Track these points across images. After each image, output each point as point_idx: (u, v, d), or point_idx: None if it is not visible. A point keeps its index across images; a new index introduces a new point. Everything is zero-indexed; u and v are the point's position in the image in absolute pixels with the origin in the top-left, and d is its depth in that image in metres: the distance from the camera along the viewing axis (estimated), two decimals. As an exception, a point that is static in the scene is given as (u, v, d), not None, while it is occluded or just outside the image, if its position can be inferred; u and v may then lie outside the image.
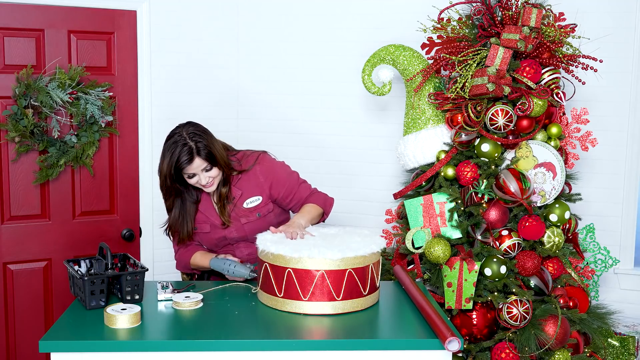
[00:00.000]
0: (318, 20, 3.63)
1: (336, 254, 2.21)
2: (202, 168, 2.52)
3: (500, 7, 2.71)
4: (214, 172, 2.55)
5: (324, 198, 2.77)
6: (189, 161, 2.48)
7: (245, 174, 2.67)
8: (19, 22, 3.12)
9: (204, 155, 2.49)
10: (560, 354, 2.68)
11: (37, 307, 3.31)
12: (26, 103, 3.08)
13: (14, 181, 3.19)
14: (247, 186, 2.67)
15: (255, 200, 2.67)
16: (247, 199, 2.67)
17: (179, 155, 2.47)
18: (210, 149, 2.51)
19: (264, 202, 2.69)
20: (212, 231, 2.68)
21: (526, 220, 2.67)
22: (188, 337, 2.03)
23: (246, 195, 2.67)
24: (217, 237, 2.69)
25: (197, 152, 2.48)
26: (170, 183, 2.55)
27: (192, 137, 2.48)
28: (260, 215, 2.68)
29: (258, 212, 2.68)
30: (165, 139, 2.55)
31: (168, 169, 2.50)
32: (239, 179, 2.67)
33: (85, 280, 2.22)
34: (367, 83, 3.05)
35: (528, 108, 2.65)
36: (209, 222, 2.68)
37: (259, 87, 3.74)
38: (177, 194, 2.63)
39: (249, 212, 2.67)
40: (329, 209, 2.78)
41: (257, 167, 2.68)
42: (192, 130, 2.51)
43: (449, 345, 1.97)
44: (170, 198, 2.64)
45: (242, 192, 2.66)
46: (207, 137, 2.53)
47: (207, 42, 3.61)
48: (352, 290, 2.24)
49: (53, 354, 1.98)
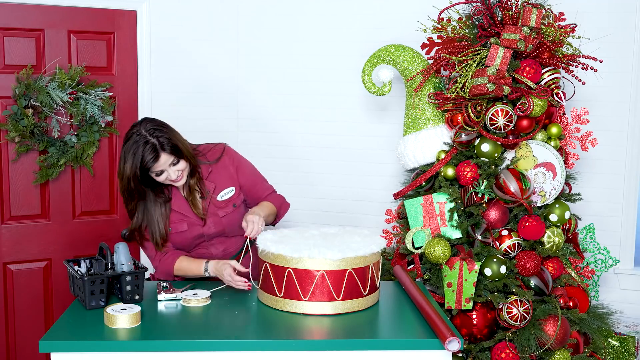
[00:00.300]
0: (318, 21, 3.63)
1: (336, 254, 2.21)
2: (170, 163, 2.42)
3: (500, 7, 2.71)
4: (181, 164, 2.45)
5: (281, 201, 2.74)
6: (154, 159, 2.37)
7: (215, 167, 2.61)
8: (19, 22, 3.12)
9: (169, 149, 2.39)
10: (560, 354, 2.68)
11: (37, 307, 3.31)
12: (26, 103, 3.08)
13: (14, 181, 3.19)
14: (219, 178, 2.61)
15: (229, 192, 2.62)
16: (221, 191, 2.61)
17: (142, 154, 2.35)
18: (173, 142, 2.40)
19: (237, 193, 2.64)
20: (190, 229, 2.58)
21: (526, 220, 2.67)
22: (188, 337, 2.03)
23: (220, 187, 2.61)
24: (194, 234, 2.59)
25: (162, 148, 2.37)
26: (134, 186, 2.43)
27: (153, 133, 2.37)
28: (236, 206, 2.64)
29: (234, 203, 2.63)
30: (123, 140, 2.44)
31: (132, 170, 2.38)
32: (209, 172, 2.60)
33: (85, 280, 2.22)
34: (367, 83, 3.04)
35: (528, 108, 2.65)
36: (185, 220, 2.57)
37: (259, 87, 3.74)
38: (141, 197, 2.50)
39: (225, 204, 2.61)
40: (283, 213, 2.74)
41: (225, 158, 2.64)
42: (150, 127, 2.40)
43: (449, 345, 1.97)
44: (133, 202, 2.51)
45: (216, 185, 2.60)
46: (168, 130, 2.43)
47: (207, 42, 3.61)
48: (352, 291, 2.24)
49: (53, 354, 1.98)
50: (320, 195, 3.74)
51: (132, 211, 2.54)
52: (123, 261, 2.34)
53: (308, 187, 3.73)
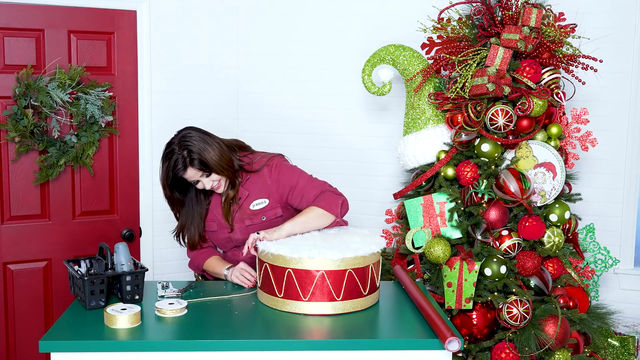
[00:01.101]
0: (318, 20, 3.63)
1: (336, 255, 2.20)
2: (200, 175, 2.50)
3: (500, 7, 2.71)
4: (214, 176, 2.52)
5: (328, 200, 2.54)
6: (183, 169, 2.47)
7: (254, 175, 2.62)
8: (19, 22, 3.12)
9: (197, 165, 2.46)
10: (560, 354, 2.68)
11: (37, 307, 3.31)
12: (26, 103, 3.08)
13: (14, 181, 3.18)
14: (254, 187, 2.62)
15: (261, 203, 2.62)
16: (254, 200, 2.62)
17: (173, 164, 2.46)
18: (201, 157, 2.46)
19: (270, 206, 2.62)
20: (219, 230, 2.66)
21: (526, 220, 2.67)
22: (188, 337, 2.03)
23: (253, 196, 2.62)
24: (223, 237, 2.67)
25: (191, 163, 2.46)
26: (170, 192, 2.56)
27: (183, 147, 2.46)
28: (265, 218, 2.62)
29: (263, 215, 2.62)
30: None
31: (165, 178, 2.51)
32: (247, 179, 2.62)
33: (85, 280, 2.22)
34: (367, 83, 3.04)
35: (528, 108, 2.65)
36: (216, 221, 2.65)
37: (259, 87, 3.74)
38: (180, 203, 2.63)
39: (254, 215, 2.62)
40: (335, 210, 2.53)
41: (265, 170, 2.63)
42: (185, 139, 2.48)
43: (449, 345, 1.97)
44: (175, 207, 2.65)
45: (249, 193, 2.62)
46: (200, 144, 2.48)
47: (207, 42, 3.61)
48: (352, 291, 2.24)
49: (53, 354, 1.98)
50: (320, 195, 3.73)
51: (177, 214, 2.69)
52: (123, 261, 2.34)
53: (308, 187, 3.72)
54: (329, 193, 2.59)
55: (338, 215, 2.56)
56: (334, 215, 2.54)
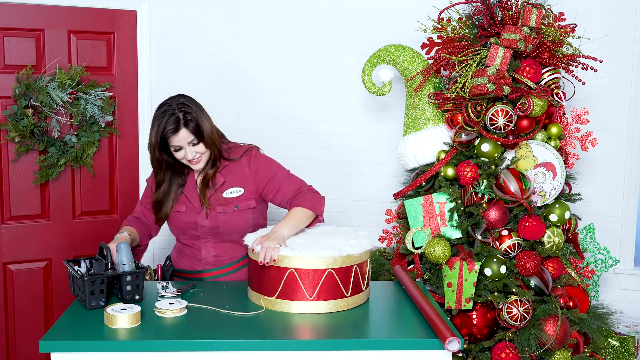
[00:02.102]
0: (318, 20, 3.63)
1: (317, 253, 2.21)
2: (189, 141, 2.45)
3: (500, 7, 2.71)
4: (200, 147, 2.48)
5: (311, 199, 2.53)
6: (174, 130, 2.42)
7: (232, 163, 2.60)
8: (19, 22, 3.13)
9: (191, 127, 2.44)
10: (560, 354, 2.68)
11: (37, 307, 3.31)
12: (26, 103, 3.08)
13: (14, 181, 3.19)
14: (231, 175, 2.59)
15: (236, 192, 2.59)
16: (229, 188, 2.58)
17: (165, 124, 2.42)
18: (198, 122, 2.45)
19: (244, 196, 2.59)
20: (187, 212, 2.59)
21: (526, 220, 2.67)
22: (188, 337, 2.03)
23: (228, 184, 2.59)
24: (189, 220, 2.59)
25: (185, 124, 2.43)
26: (158, 154, 2.50)
27: (181, 108, 2.44)
28: (237, 207, 2.58)
29: (236, 205, 2.58)
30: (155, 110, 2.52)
31: (155, 138, 2.46)
32: (224, 166, 2.60)
33: (85, 280, 2.22)
34: (367, 83, 3.05)
35: (528, 108, 2.65)
36: (186, 203, 2.60)
37: (259, 87, 3.74)
38: (167, 166, 2.56)
39: (227, 202, 2.57)
40: (320, 209, 2.54)
41: (244, 159, 2.61)
42: (182, 101, 2.48)
43: (449, 345, 1.97)
44: (161, 172, 2.58)
45: (225, 180, 2.58)
46: (197, 110, 2.48)
47: (207, 42, 3.61)
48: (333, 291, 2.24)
49: (53, 354, 1.98)
50: (320, 195, 3.73)
51: (160, 182, 2.60)
52: (125, 261, 2.34)
53: (308, 187, 3.72)
54: (310, 192, 2.58)
55: (321, 214, 2.56)
56: (318, 214, 2.55)
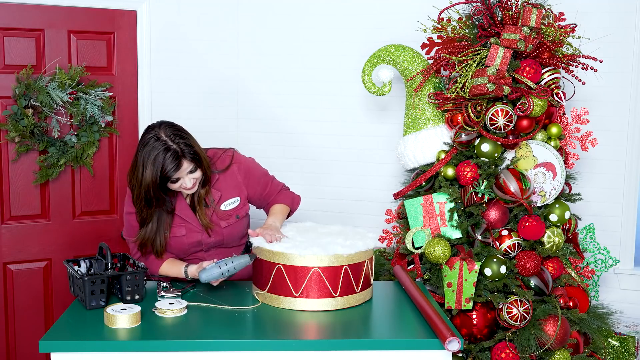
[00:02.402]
0: (318, 20, 3.63)
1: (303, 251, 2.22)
2: (188, 171, 2.32)
3: (500, 7, 2.71)
4: (197, 173, 2.36)
5: (292, 197, 2.69)
6: (176, 167, 2.26)
7: (223, 175, 2.50)
8: (19, 22, 3.13)
9: (190, 157, 2.29)
10: (560, 354, 2.68)
11: (37, 307, 3.31)
12: (26, 103, 3.08)
13: (14, 181, 3.19)
14: (225, 187, 2.51)
15: (234, 202, 2.52)
16: (226, 200, 2.51)
17: (163, 161, 2.24)
18: (194, 149, 2.31)
19: (242, 203, 2.54)
20: (188, 234, 2.48)
21: (526, 220, 2.67)
22: (188, 337, 2.03)
23: (225, 196, 2.51)
24: (192, 241, 2.49)
25: (183, 155, 2.27)
26: (153, 193, 2.30)
27: (174, 140, 2.27)
28: (239, 217, 2.54)
29: (237, 214, 2.53)
30: (139, 145, 2.29)
31: (153, 178, 2.26)
32: (216, 180, 2.49)
33: (86, 280, 2.21)
34: (367, 83, 3.04)
35: (528, 108, 2.65)
36: (184, 226, 2.47)
37: (259, 87, 3.74)
38: (158, 204, 2.37)
39: (228, 215, 2.51)
40: (296, 207, 2.71)
41: (234, 167, 2.52)
42: (170, 132, 2.28)
43: (449, 345, 1.97)
44: (150, 210, 2.38)
45: (221, 193, 2.50)
46: (188, 137, 2.33)
47: (207, 42, 3.61)
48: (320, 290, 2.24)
49: (53, 354, 1.98)
50: (320, 196, 3.73)
51: (145, 220, 2.41)
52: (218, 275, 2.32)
53: (308, 187, 3.73)
54: (289, 191, 2.73)
55: (294, 210, 2.72)
56: (292, 211, 2.71)
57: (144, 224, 2.43)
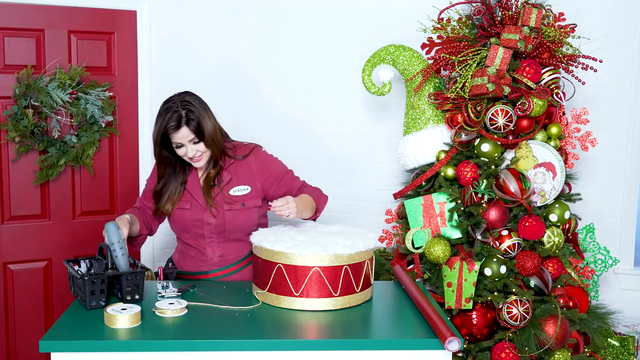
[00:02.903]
0: (318, 20, 3.63)
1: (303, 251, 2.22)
2: (189, 139, 2.45)
3: (500, 7, 2.71)
4: (201, 146, 2.48)
5: (319, 194, 2.68)
6: (175, 128, 2.42)
7: (239, 162, 2.61)
8: (19, 22, 3.13)
9: (192, 126, 2.43)
10: (560, 354, 2.68)
11: (37, 307, 3.31)
12: (26, 103, 3.08)
13: (14, 181, 3.19)
14: (238, 173, 2.60)
15: (242, 190, 2.60)
16: (236, 186, 2.59)
17: (167, 121, 2.42)
18: (199, 121, 2.44)
19: (251, 194, 2.60)
20: (192, 209, 2.58)
21: (526, 220, 2.67)
22: (188, 337, 2.03)
23: (235, 181, 2.58)
24: (195, 217, 2.58)
25: (186, 122, 2.42)
26: (159, 149, 2.51)
27: (185, 106, 2.43)
28: (244, 205, 2.59)
29: (243, 202, 2.59)
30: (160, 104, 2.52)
31: (157, 134, 2.46)
32: (231, 164, 2.59)
33: (86, 280, 2.22)
34: (367, 83, 3.05)
35: (528, 108, 2.65)
36: (190, 200, 2.59)
37: (259, 87, 3.74)
38: (167, 162, 2.57)
39: (234, 200, 2.58)
40: (322, 205, 2.68)
41: (252, 157, 2.62)
42: (186, 99, 2.46)
43: (449, 345, 1.97)
44: (161, 166, 2.58)
45: (232, 177, 2.59)
46: (200, 110, 2.47)
47: (207, 42, 3.61)
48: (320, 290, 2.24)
49: (53, 354, 1.98)
50: (320, 195, 3.73)
51: (160, 176, 2.61)
52: (113, 240, 2.33)
53: (308, 187, 3.73)
54: (318, 189, 2.71)
55: (320, 212, 2.68)
56: (318, 211, 2.67)
57: (159, 179, 2.62)
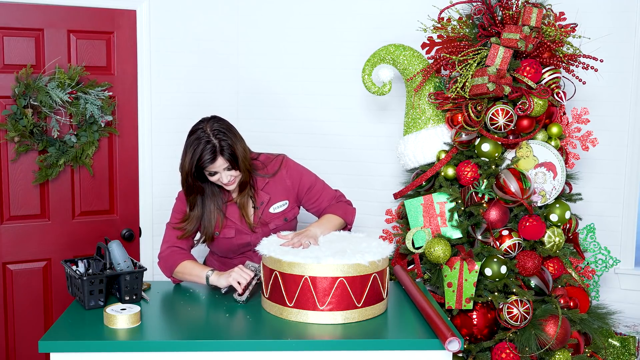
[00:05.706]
0: (318, 20, 3.63)
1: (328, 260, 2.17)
2: (224, 167, 2.45)
3: (501, 7, 2.70)
4: (234, 172, 2.48)
5: (345, 209, 2.68)
6: (211, 160, 2.40)
7: (272, 179, 2.63)
8: (18, 21, 3.12)
9: (227, 155, 2.42)
10: (561, 354, 2.68)
11: (37, 307, 3.31)
12: (26, 103, 3.08)
13: (13, 181, 3.18)
14: (274, 191, 2.63)
15: (282, 205, 2.64)
16: (275, 203, 2.62)
17: (201, 153, 2.39)
18: (233, 149, 2.43)
19: (290, 206, 2.66)
20: (237, 237, 2.61)
21: (526, 220, 2.67)
22: (188, 337, 2.02)
23: (274, 199, 2.62)
24: (241, 242, 2.62)
25: (221, 152, 2.40)
26: (191, 181, 2.47)
27: (217, 135, 2.41)
28: (287, 220, 2.65)
29: (285, 217, 2.65)
30: (188, 133, 2.47)
31: (189, 166, 2.43)
32: (266, 184, 2.62)
33: (84, 280, 2.21)
34: (367, 83, 3.04)
35: (528, 108, 2.64)
36: (234, 227, 2.61)
37: (259, 87, 3.74)
38: (198, 191, 2.54)
39: (276, 217, 2.63)
40: (351, 219, 2.69)
41: (283, 171, 2.65)
42: (216, 127, 2.43)
43: (449, 345, 1.96)
44: (192, 195, 2.55)
45: (270, 196, 2.62)
46: (231, 136, 2.45)
47: (207, 42, 3.61)
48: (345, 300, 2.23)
49: (53, 354, 1.98)
50: (320, 195, 3.73)
51: (192, 204, 2.58)
52: (119, 260, 2.34)
53: (308, 187, 3.73)
54: (344, 203, 2.73)
55: (351, 224, 2.69)
56: (348, 224, 2.68)
57: (192, 208, 2.59)
